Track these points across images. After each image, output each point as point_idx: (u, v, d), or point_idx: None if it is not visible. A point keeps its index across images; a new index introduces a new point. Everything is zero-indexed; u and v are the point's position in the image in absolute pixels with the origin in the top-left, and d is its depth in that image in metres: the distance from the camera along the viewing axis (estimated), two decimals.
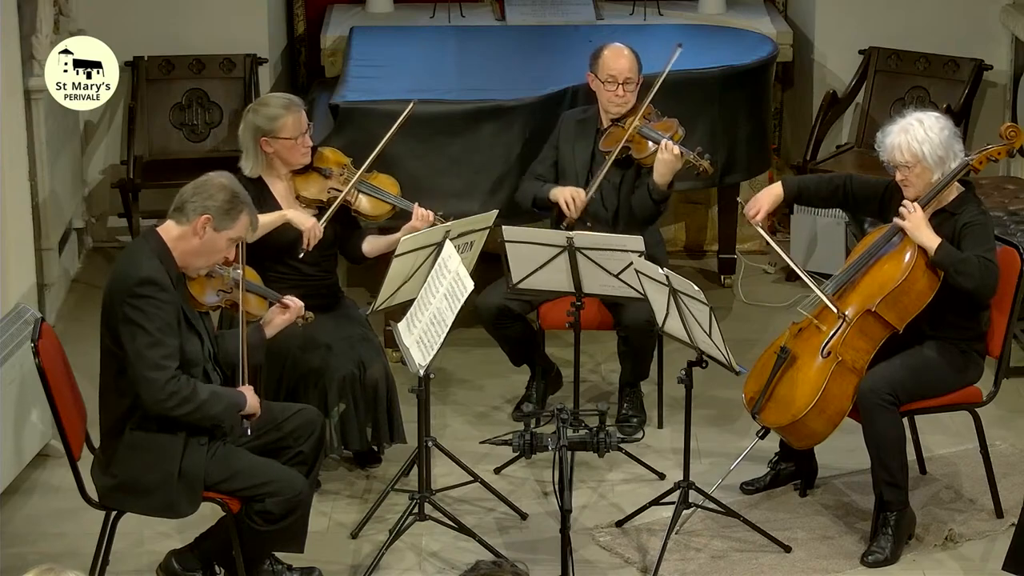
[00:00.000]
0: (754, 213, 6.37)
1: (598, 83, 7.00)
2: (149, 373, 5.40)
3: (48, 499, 6.57)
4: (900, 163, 6.10)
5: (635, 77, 6.97)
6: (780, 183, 6.46)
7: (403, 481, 6.40)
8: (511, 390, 7.37)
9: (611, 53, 6.99)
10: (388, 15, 9.20)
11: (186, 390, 5.44)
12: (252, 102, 6.73)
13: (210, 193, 5.52)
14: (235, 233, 5.55)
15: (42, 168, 7.78)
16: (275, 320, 5.87)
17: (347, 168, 6.67)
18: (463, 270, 5.97)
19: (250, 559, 5.74)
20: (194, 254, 5.53)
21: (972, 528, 6.33)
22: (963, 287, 5.99)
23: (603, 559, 6.19)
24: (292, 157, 6.50)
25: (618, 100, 6.95)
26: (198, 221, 5.49)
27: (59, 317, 7.98)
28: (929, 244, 6.02)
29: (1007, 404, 7.08)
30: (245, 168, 6.47)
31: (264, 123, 6.44)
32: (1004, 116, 8.91)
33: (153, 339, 5.40)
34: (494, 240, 6.64)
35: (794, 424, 6.14)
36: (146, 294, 5.40)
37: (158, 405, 5.44)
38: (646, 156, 6.86)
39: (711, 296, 6.15)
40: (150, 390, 5.41)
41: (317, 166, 6.61)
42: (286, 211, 6.49)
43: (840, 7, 9.14)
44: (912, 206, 6.06)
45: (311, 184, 6.58)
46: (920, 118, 6.12)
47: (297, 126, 6.45)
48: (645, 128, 6.90)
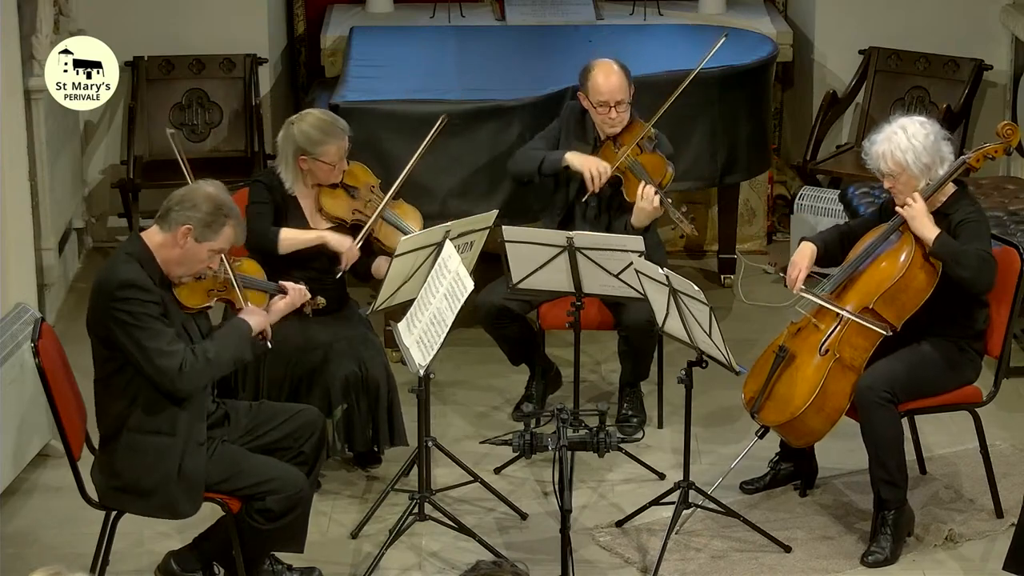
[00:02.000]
0: (795, 275, 6.24)
1: (589, 104, 6.96)
2: (160, 362, 5.39)
3: (48, 499, 6.57)
4: (885, 172, 6.11)
5: (627, 96, 6.90)
6: (810, 243, 6.32)
7: (403, 481, 6.40)
8: (511, 390, 7.37)
9: (600, 76, 6.88)
10: (388, 15, 9.20)
11: (200, 361, 5.45)
12: (297, 113, 6.65)
13: (194, 203, 5.48)
14: (217, 245, 5.51)
15: (42, 168, 7.78)
16: (276, 307, 5.85)
17: (375, 192, 6.63)
18: (463, 270, 5.97)
19: (250, 559, 5.74)
20: (175, 263, 5.50)
21: (972, 528, 6.33)
22: (961, 278, 5.98)
23: (603, 559, 6.19)
24: (326, 178, 6.50)
25: (611, 122, 6.92)
26: (179, 231, 5.46)
27: (59, 317, 7.98)
28: (928, 235, 6.02)
29: (1007, 404, 7.08)
30: (287, 182, 6.47)
31: (307, 144, 6.42)
32: (1004, 116, 8.91)
33: (150, 331, 5.40)
34: (494, 240, 6.64)
35: (792, 422, 6.15)
36: (128, 296, 5.39)
37: (188, 386, 5.44)
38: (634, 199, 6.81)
39: (711, 296, 6.14)
40: (168, 378, 5.41)
41: (346, 183, 6.58)
42: (324, 233, 6.48)
43: (840, 7, 9.14)
44: (915, 197, 6.06)
45: (336, 201, 6.55)
46: (904, 125, 6.09)
47: (339, 153, 6.45)
48: (636, 165, 6.86)
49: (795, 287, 6.24)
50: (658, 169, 6.84)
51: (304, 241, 6.45)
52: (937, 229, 6.02)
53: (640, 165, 6.84)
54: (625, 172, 6.86)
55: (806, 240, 6.39)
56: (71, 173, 8.48)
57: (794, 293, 6.26)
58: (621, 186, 6.86)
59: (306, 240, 6.45)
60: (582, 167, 6.87)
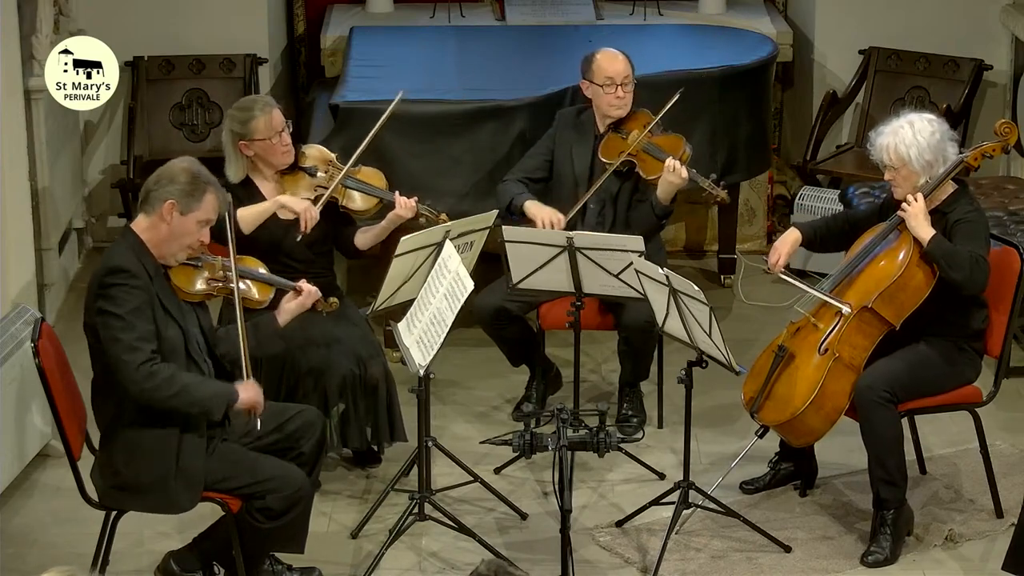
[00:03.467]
0: (775, 260, 6.33)
1: (595, 88, 6.97)
2: (124, 355, 5.38)
3: (48, 499, 6.57)
4: (888, 164, 6.12)
5: (632, 78, 6.96)
6: (795, 229, 6.42)
7: (403, 481, 6.40)
8: (511, 390, 7.37)
9: (605, 56, 6.97)
10: (388, 15, 9.20)
11: (165, 372, 5.40)
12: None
13: (171, 178, 5.51)
14: (203, 215, 5.53)
15: (42, 168, 7.78)
16: (287, 307, 5.86)
17: (332, 165, 6.67)
18: (463, 270, 5.97)
19: (250, 558, 5.74)
20: (165, 241, 5.51)
21: (972, 528, 6.33)
22: (952, 279, 6.00)
23: (603, 559, 6.19)
24: (273, 157, 6.50)
25: (618, 102, 6.94)
26: (163, 207, 5.47)
27: (59, 317, 7.98)
28: (923, 235, 6.03)
29: (1007, 404, 7.08)
30: (229, 174, 6.48)
31: (238, 127, 6.46)
32: (1004, 116, 8.91)
33: (124, 322, 5.39)
34: (494, 240, 6.64)
35: (792, 421, 6.15)
36: (115, 282, 5.40)
37: (136, 387, 5.40)
38: (655, 177, 6.83)
39: (711, 296, 6.15)
40: (127, 372, 5.39)
41: (302, 166, 6.61)
42: (279, 198, 6.50)
43: (840, 7, 9.14)
44: (915, 196, 6.07)
45: (298, 184, 6.58)
46: (912, 120, 6.12)
47: (269, 125, 6.45)
48: (650, 145, 6.87)
49: (775, 270, 6.30)
50: (676, 147, 6.86)
51: (262, 212, 6.45)
52: (932, 230, 6.03)
53: (655, 146, 6.86)
54: (638, 154, 6.87)
55: (795, 225, 6.44)
56: (71, 173, 8.48)
57: (774, 275, 6.34)
58: (636, 168, 6.86)
59: (263, 210, 6.46)
60: (536, 217, 6.87)
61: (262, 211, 6.44)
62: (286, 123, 6.52)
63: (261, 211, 6.44)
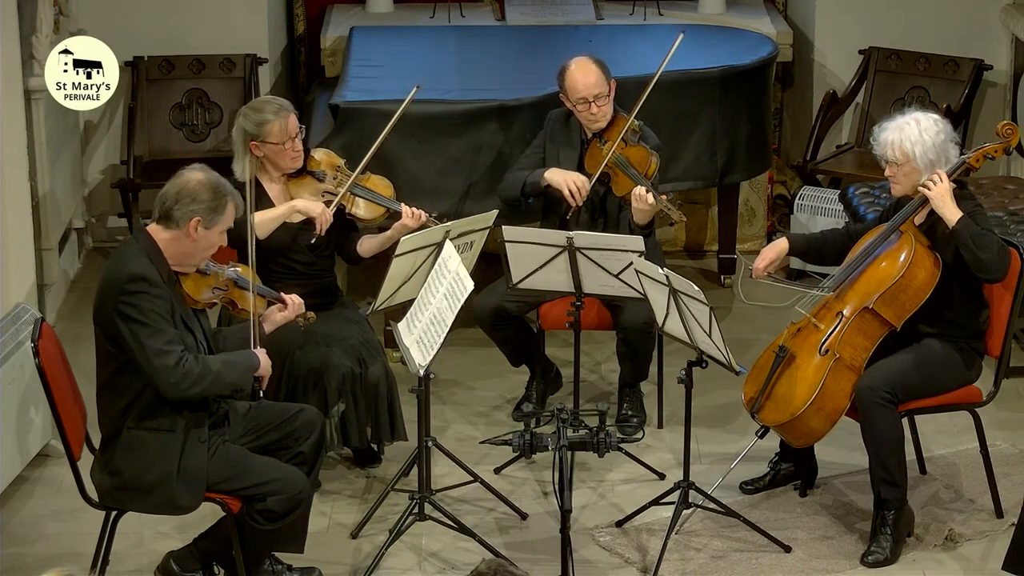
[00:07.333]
0: (758, 264, 6.35)
1: (570, 104, 6.94)
2: (157, 361, 5.41)
3: (48, 499, 6.57)
4: (891, 159, 6.12)
5: (605, 88, 6.88)
6: (785, 239, 6.44)
7: (403, 481, 6.40)
8: (511, 390, 7.37)
9: (576, 73, 6.87)
10: (388, 15, 9.20)
11: (197, 368, 5.46)
12: (245, 105, 6.75)
13: (193, 196, 5.51)
14: (225, 224, 5.58)
15: (42, 168, 7.78)
16: (274, 317, 5.90)
17: (340, 171, 6.66)
18: (463, 270, 5.97)
19: (250, 559, 5.74)
20: (189, 254, 5.56)
21: (972, 528, 6.33)
22: (980, 260, 5.93)
23: (603, 559, 6.19)
24: (282, 161, 6.51)
25: (594, 118, 6.91)
26: (189, 225, 5.50)
27: (59, 317, 7.98)
28: (951, 216, 5.99)
29: (1007, 404, 7.08)
30: (236, 172, 6.48)
31: (252, 127, 6.45)
32: (1004, 116, 8.91)
33: (152, 328, 5.42)
34: (494, 240, 6.64)
35: (792, 422, 6.15)
36: (137, 290, 5.42)
37: (175, 389, 5.44)
38: (624, 194, 6.80)
39: (711, 296, 6.15)
40: (163, 376, 5.42)
41: (310, 170, 6.61)
42: (294, 202, 6.51)
43: (840, 7, 9.14)
44: (939, 175, 6.05)
45: (305, 188, 6.58)
46: (918, 118, 6.13)
47: (284, 130, 6.45)
48: (620, 159, 6.83)
49: (755, 274, 6.35)
50: (642, 161, 6.82)
51: (277, 216, 6.47)
52: (959, 211, 5.99)
53: (625, 159, 6.83)
54: (612, 168, 6.85)
55: (788, 236, 6.49)
56: (71, 173, 8.48)
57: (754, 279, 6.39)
58: (610, 182, 6.86)
59: (279, 215, 6.47)
60: (561, 184, 6.86)
61: (277, 216, 6.46)
62: (300, 128, 6.52)
63: (276, 216, 6.46)
